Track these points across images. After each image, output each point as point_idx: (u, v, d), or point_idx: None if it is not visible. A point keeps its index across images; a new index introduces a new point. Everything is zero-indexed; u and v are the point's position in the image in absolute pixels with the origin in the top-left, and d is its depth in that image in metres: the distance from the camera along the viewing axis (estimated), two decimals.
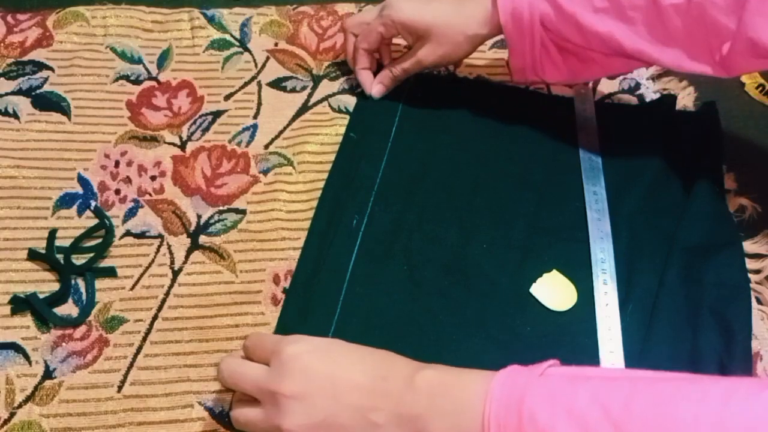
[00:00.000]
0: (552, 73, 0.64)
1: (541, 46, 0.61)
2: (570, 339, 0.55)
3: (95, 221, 0.59)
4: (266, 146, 0.65)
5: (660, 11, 0.55)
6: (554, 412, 0.38)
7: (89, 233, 0.58)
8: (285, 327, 0.54)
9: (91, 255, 0.57)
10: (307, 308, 0.56)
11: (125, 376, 0.52)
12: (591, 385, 0.39)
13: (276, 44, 0.73)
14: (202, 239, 0.59)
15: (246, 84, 0.70)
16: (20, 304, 0.54)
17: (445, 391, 0.41)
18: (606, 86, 0.72)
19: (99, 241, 0.58)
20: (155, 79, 0.69)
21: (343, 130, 0.67)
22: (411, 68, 0.66)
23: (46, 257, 0.56)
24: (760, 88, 0.74)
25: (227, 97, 0.69)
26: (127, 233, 0.59)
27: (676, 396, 0.37)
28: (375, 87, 0.68)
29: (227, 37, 0.73)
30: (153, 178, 0.62)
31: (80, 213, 0.60)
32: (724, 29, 0.53)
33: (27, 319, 0.54)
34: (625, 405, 0.37)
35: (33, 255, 0.56)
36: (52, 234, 0.57)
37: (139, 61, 0.70)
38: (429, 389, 0.42)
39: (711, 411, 0.35)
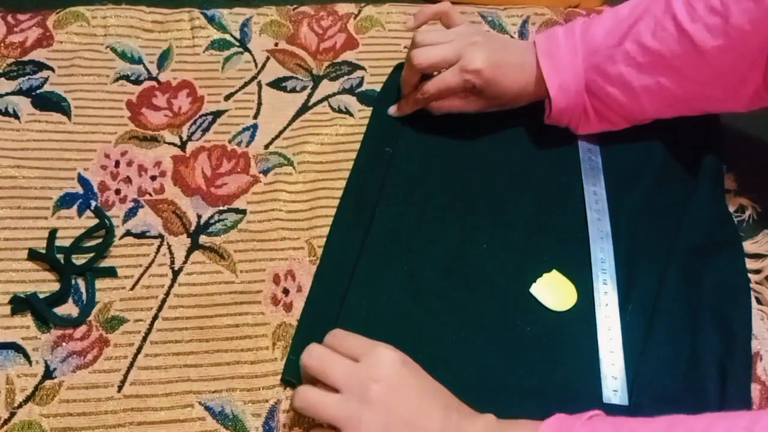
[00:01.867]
0: (585, 129, 0.64)
1: (582, 111, 0.62)
2: (570, 339, 0.55)
3: (95, 221, 0.59)
4: (266, 146, 0.65)
5: (701, 53, 0.55)
6: None
7: (89, 233, 0.58)
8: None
9: (92, 255, 0.57)
10: (308, 307, 0.56)
11: (125, 376, 0.52)
12: (630, 427, 0.42)
13: (276, 44, 0.73)
14: (203, 239, 0.59)
15: (246, 84, 0.70)
16: (20, 304, 0.54)
17: None
18: None
19: (99, 241, 0.58)
20: (155, 79, 0.69)
21: (343, 130, 0.67)
22: (456, 109, 0.65)
23: (46, 257, 0.56)
24: None
25: (227, 97, 0.69)
26: (128, 233, 0.59)
27: (709, 427, 0.40)
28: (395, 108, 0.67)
29: (227, 37, 0.73)
30: (153, 178, 0.62)
31: (80, 213, 0.60)
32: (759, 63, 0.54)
33: (27, 319, 0.54)
34: None
35: (33, 255, 0.56)
36: (53, 234, 0.57)
37: (140, 61, 0.70)
38: None
39: None
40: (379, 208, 0.61)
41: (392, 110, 0.67)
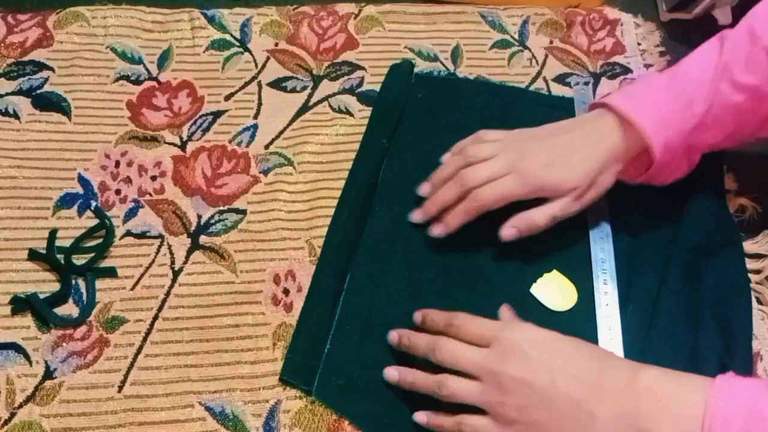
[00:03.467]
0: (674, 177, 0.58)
1: (679, 159, 0.57)
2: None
3: (96, 221, 0.59)
4: (266, 146, 0.65)
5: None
6: None
7: (90, 233, 0.58)
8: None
9: (92, 255, 0.57)
10: (306, 308, 0.56)
11: (126, 376, 0.52)
12: None
13: (276, 44, 0.73)
14: (203, 239, 0.59)
15: (246, 84, 0.70)
16: (21, 305, 0.54)
17: (668, 395, 0.43)
18: (606, 86, 0.72)
19: (99, 241, 0.58)
20: (155, 79, 0.69)
21: (343, 130, 0.67)
22: (547, 224, 0.57)
23: (46, 257, 0.56)
24: None
25: (227, 98, 0.69)
26: (128, 233, 0.59)
27: None
28: (507, 230, 0.57)
29: (227, 37, 0.73)
30: (153, 178, 0.62)
31: (80, 213, 0.60)
32: None
33: (27, 320, 0.54)
34: None
35: (33, 255, 0.56)
36: (53, 234, 0.57)
37: (140, 62, 0.70)
38: (650, 390, 0.44)
39: None
40: (378, 208, 0.61)
41: (437, 230, 0.58)
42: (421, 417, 0.50)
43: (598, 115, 0.56)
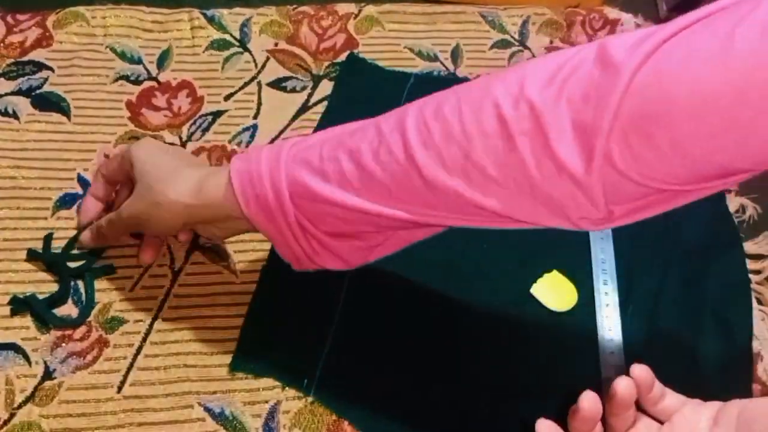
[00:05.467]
0: (332, 262, 0.47)
1: (299, 228, 0.45)
2: (570, 339, 0.55)
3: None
4: None
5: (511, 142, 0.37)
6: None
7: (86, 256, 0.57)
8: (260, 323, 0.55)
9: (88, 257, 0.56)
10: (306, 308, 0.56)
11: (125, 376, 0.52)
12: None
13: (276, 44, 0.73)
14: (202, 239, 0.59)
15: (246, 84, 0.70)
16: (20, 305, 0.54)
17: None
18: None
19: None
20: (155, 79, 0.69)
21: None
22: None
23: (44, 257, 0.56)
24: None
25: (227, 98, 0.68)
26: None
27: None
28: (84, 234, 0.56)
29: (227, 37, 0.73)
30: None
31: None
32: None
33: (27, 320, 0.54)
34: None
35: (32, 255, 0.56)
36: (48, 238, 0.57)
37: (139, 62, 0.70)
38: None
39: None
40: None
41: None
42: None
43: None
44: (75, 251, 0.57)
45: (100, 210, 0.57)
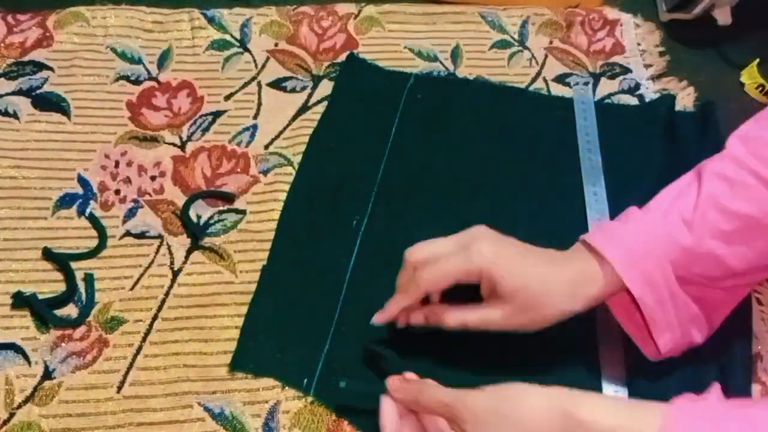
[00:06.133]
0: (699, 334, 0.50)
1: (684, 305, 0.48)
2: (570, 340, 0.55)
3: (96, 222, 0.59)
4: (266, 146, 0.65)
5: None
6: None
7: (84, 256, 0.57)
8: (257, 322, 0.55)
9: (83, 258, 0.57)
10: (306, 308, 0.56)
11: (125, 376, 0.52)
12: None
13: (276, 44, 0.73)
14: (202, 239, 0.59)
15: (246, 84, 0.70)
16: (21, 300, 0.54)
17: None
18: (606, 86, 0.72)
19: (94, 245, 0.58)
20: (155, 79, 0.69)
21: None
22: (474, 326, 0.50)
23: (58, 258, 0.56)
24: (760, 89, 0.74)
25: (227, 98, 0.69)
26: (127, 233, 0.59)
27: None
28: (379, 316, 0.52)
29: (227, 37, 0.73)
30: (153, 178, 0.62)
31: (80, 213, 0.60)
32: None
33: (27, 320, 0.54)
34: None
35: (47, 255, 0.56)
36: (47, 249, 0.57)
37: (139, 62, 0.70)
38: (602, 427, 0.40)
39: None
40: (377, 208, 0.61)
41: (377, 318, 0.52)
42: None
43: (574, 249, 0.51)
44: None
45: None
